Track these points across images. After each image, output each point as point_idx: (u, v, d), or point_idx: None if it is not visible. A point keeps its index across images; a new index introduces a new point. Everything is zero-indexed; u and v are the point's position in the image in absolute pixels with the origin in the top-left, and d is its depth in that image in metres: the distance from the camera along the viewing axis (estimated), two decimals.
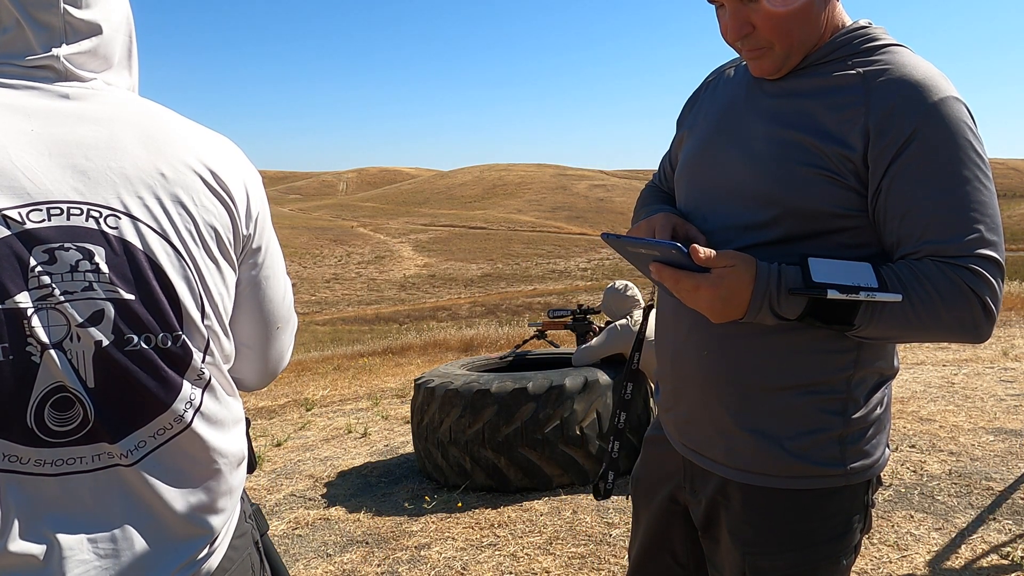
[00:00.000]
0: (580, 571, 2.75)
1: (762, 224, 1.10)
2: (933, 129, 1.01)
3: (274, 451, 5.18)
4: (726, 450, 1.16)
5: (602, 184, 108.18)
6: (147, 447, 0.87)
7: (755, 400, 1.12)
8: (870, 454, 1.14)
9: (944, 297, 0.99)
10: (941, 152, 1.01)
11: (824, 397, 1.11)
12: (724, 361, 1.14)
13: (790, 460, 1.11)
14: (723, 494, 1.18)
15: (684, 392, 1.22)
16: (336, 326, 35.19)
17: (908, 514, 3.01)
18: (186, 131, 0.94)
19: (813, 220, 1.07)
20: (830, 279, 0.98)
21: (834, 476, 1.12)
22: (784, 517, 1.14)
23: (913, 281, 1.00)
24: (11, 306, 0.79)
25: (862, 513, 1.16)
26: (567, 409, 3.50)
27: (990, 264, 1.01)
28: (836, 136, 1.05)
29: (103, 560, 0.84)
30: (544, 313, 5.13)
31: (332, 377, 9.31)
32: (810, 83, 1.10)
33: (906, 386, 5.31)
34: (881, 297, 0.97)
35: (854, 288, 0.97)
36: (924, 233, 1.02)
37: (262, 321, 1.05)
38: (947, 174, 1.01)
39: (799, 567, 1.14)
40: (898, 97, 1.02)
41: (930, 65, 1.06)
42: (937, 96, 1.02)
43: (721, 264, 1.02)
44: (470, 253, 60.93)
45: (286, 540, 3.33)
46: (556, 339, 6.21)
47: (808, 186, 1.06)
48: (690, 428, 1.22)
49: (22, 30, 0.87)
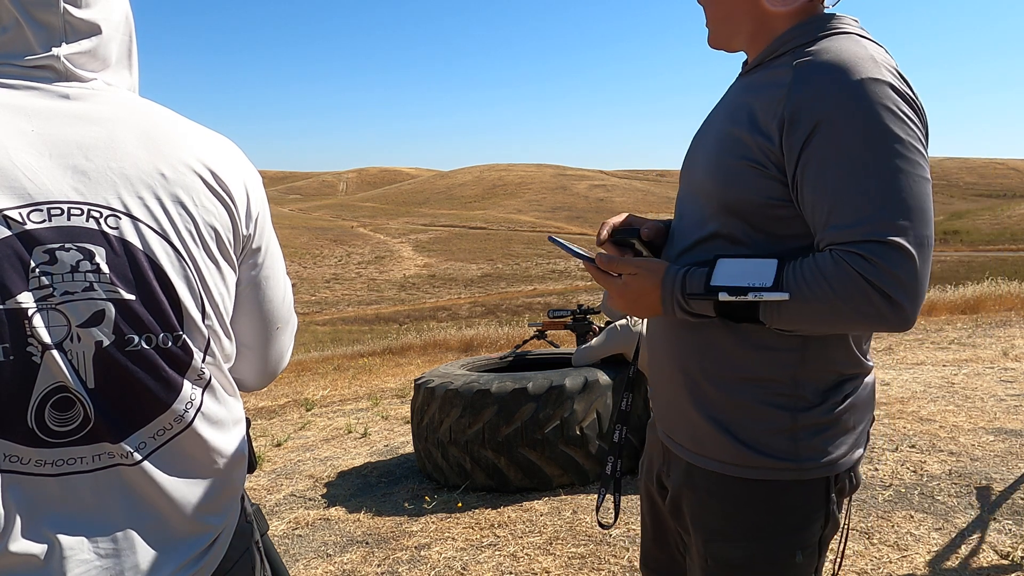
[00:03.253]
0: (580, 571, 2.75)
1: (706, 219, 1.14)
2: (841, 113, 0.98)
3: (274, 451, 5.18)
4: (687, 435, 1.20)
5: (602, 184, 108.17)
6: (148, 447, 0.87)
7: (709, 389, 1.15)
8: (828, 452, 1.12)
9: (836, 289, 0.97)
10: (847, 136, 0.98)
11: (770, 392, 1.11)
12: (686, 354, 1.18)
13: (742, 449, 1.13)
14: (689, 480, 1.21)
15: (658, 380, 1.27)
16: (336, 326, 35.19)
17: (908, 514, 3.01)
18: (186, 131, 0.94)
19: (747, 213, 1.09)
20: (726, 281, 1.04)
21: (785, 469, 1.11)
22: (740, 506, 1.15)
23: (809, 276, 0.99)
24: (12, 306, 0.79)
25: (823, 511, 1.14)
26: (567, 409, 3.50)
27: (887, 249, 0.95)
28: (762, 128, 1.06)
29: (104, 560, 0.84)
30: (544, 313, 5.13)
31: (332, 377, 9.31)
32: (759, 78, 1.12)
33: (906, 386, 5.31)
34: (768, 296, 1.00)
35: (743, 290, 1.02)
36: (827, 221, 1.01)
37: (262, 321, 1.05)
38: (852, 158, 0.98)
39: (755, 558, 1.14)
40: (811, 84, 1.01)
41: (861, 48, 1.03)
42: (850, 79, 0.99)
43: (626, 271, 1.15)
44: (470, 253, 60.92)
45: (286, 540, 3.33)
46: (556, 339, 6.21)
47: (738, 178, 1.08)
48: (664, 414, 1.27)
49: (22, 30, 0.87)
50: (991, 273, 12.77)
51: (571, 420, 3.50)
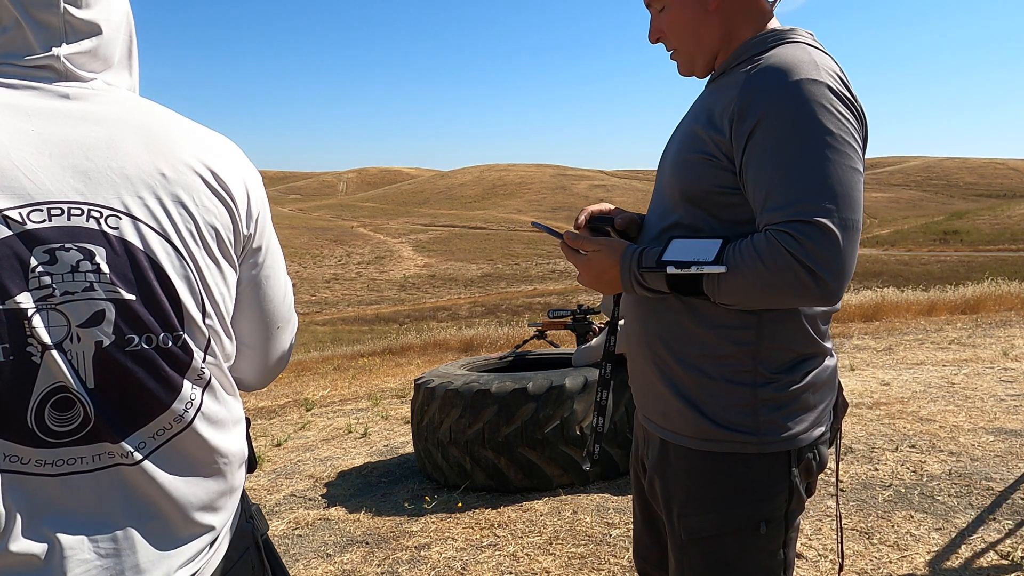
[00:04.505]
0: (580, 571, 2.75)
1: (669, 210, 1.27)
2: (780, 109, 1.10)
3: (274, 451, 5.18)
4: (661, 413, 1.29)
5: (602, 184, 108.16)
6: (148, 447, 0.87)
7: (675, 367, 1.24)
8: (788, 427, 1.20)
9: (767, 264, 1.07)
10: (784, 129, 1.09)
11: (730, 368, 1.20)
12: (650, 333, 1.28)
13: (707, 424, 1.21)
14: (662, 456, 1.29)
15: (633, 363, 1.36)
16: (336, 326, 35.19)
17: (908, 514, 3.01)
18: (187, 131, 0.94)
19: (703, 201, 1.20)
20: (675, 257, 1.15)
21: (747, 443, 1.20)
22: (707, 479, 1.23)
23: (745, 252, 1.10)
24: (12, 306, 0.79)
25: (785, 485, 1.21)
26: (567, 409, 3.50)
27: (812, 228, 1.05)
28: (716, 124, 1.18)
29: (104, 560, 0.84)
30: (544, 313, 5.14)
31: (332, 377, 9.31)
32: (721, 83, 1.24)
33: (906, 386, 5.31)
34: (708, 269, 1.12)
35: (687, 264, 1.13)
36: (763, 204, 1.11)
37: (262, 321, 1.05)
38: (785, 149, 1.09)
39: (720, 528, 1.22)
40: (756, 84, 1.13)
41: (805, 53, 1.15)
42: (790, 79, 1.10)
43: (589, 248, 1.28)
44: (470, 253, 60.90)
45: (286, 540, 3.33)
46: (556, 339, 6.21)
47: (694, 169, 1.20)
48: (640, 396, 1.36)
49: (22, 30, 0.87)
50: (991, 273, 12.77)
51: (571, 420, 3.50)
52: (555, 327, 4.66)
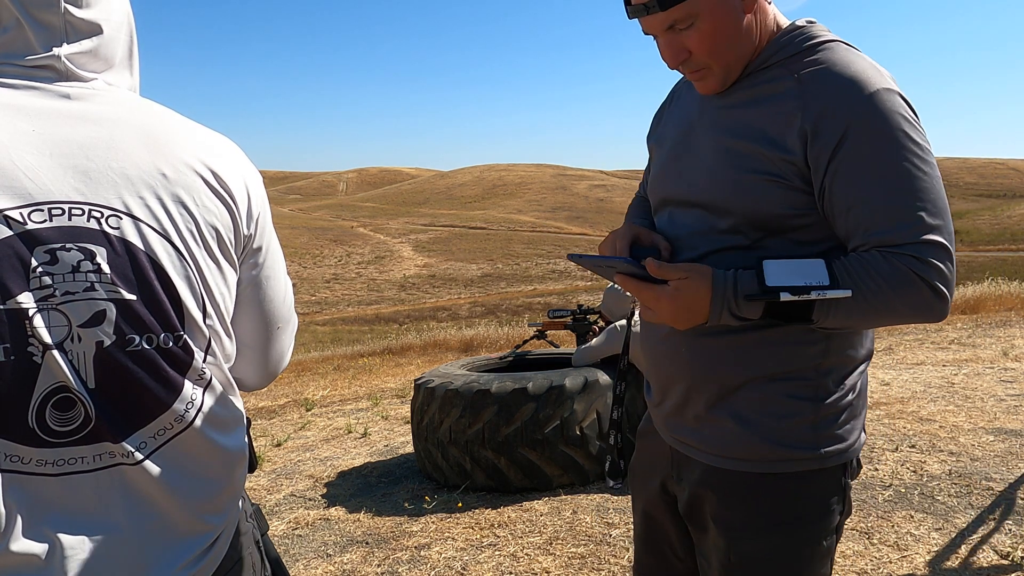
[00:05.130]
0: (580, 571, 2.75)
1: (723, 230, 1.16)
2: (865, 123, 1.05)
3: (274, 451, 5.18)
4: (707, 438, 1.21)
5: (602, 184, 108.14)
6: (148, 447, 0.87)
7: (731, 392, 1.18)
8: (844, 438, 1.17)
9: (893, 286, 1.04)
10: (875, 145, 1.05)
11: (795, 384, 1.15)
12: (699, 359, 1.20)
13: (766, 446, 1.16)
14: (706, 481, 1.23)
15: (668, 388, 1.27)
16: (336, 326, 35.18)
17: (908, 514, 3.01)
18: (187, 131, 0.94)
19: (768, 222, 1.12)
20: (783, 282, 1.04)
21: (808, 459, 1.16)
22: (764, 501, 1.18)
23: (863, 274, 1.05)
24: (13, 306, 0.79)
25: (840, 496, 1.19)
26: (567, 409, 3.50)
27: (934, 248, 1.04)
28: (777, 141, 1.09)
29: (104, 560, 0.84)
30: (544, 313, 5.14)
31: (332, 377, 9.31)
32: (752, 92, 1.15)
33: (906, 386, 5.31)
34: (831, 294, 1.03)
35: (805, 288, 1.03)
36: (869, 226, 1.06)
37: (263, 321, 1.05)
38: (883, 166, 1.05)
39: (781, 549, 1.18)
40: (829, 96, 1.07)
41: (864, 60, 1.10)
42: (867, 91, 1.05)
43: (676, 276, 1.09)
44: (470, 253, 60.90)
45: (286, 540, 3.33)
46: (556, 339, 6.21)
47: (758, 192, 1.11)
48: (674, 419, 1.27)
49: (22, 30, 0.87)
50: (991, 273, 12.77)
51: (571, 420, 3.50)
52: (555, 327, 4.66)
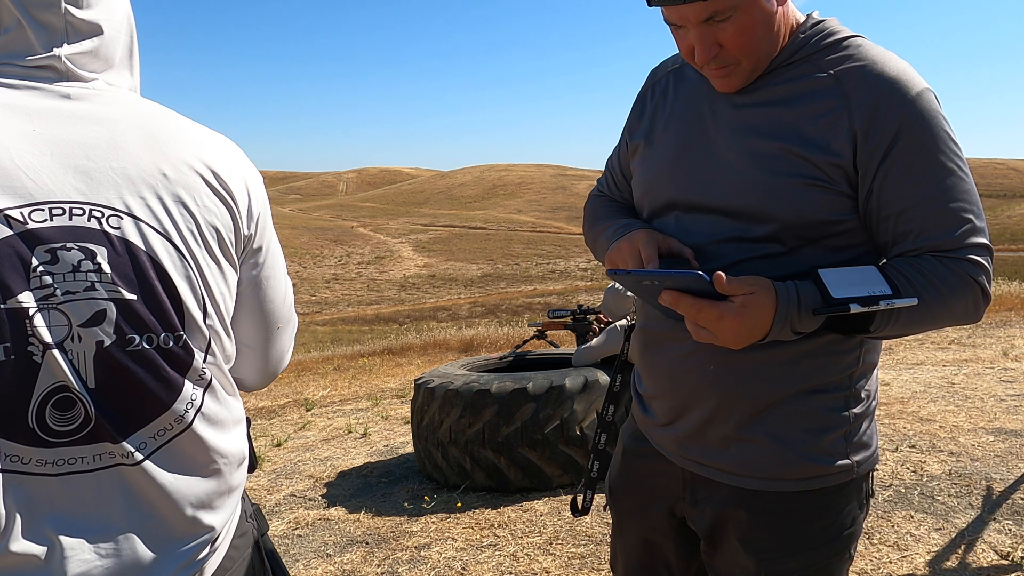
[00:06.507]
0: (580, 571, 2.75)
1: (757, 238, 1.09)
2: (915, 125, 1.03)
3: (274, 451, 5.18)
4: (736, 459, 1.16)
5: None
6: (148, 447, 0.87)
7: (764, 409, 1.13)
8: (869, 445, 1.17)
9: (952, 290, 1.03)
10: (926, 147, 1.04)
11: (831, 396, 1.12)
12: (730, 376, 1.13)
13: (802, 462, 1.12)
14: (735, 503, 1.17)
15: (688, 407, 1.19)
16: (336, 326, 35.19)
17: (908, 514, 3.01)
18: (187, 131, 0.95)
19: (810, 230, 1.07)
20: (847, 293, 0.99)
21: (843, 472, 1.13)
22: (796, 520, 1.15)
23: (922, 280, 1.03)
24: (13, 306, 0.79)
25: (864, 503, 1.19)
26: (567, 409, 3.50)
27: (983, 250, 1.06)
28: (821, 144, 1.04)
29: (104, 560, 0.84)
30: (544, 313, 5.14)
31: (332, 377, 9.31)
32: (782, 90, 1.09)
33: (906, 386, 5.31)
34: (899, 303, 0.98)
35: (874, 299, 0.97)
36: (922, 230, 1.05)
37: (263, 321, 1.05)
38: (934, 169, 1.04)
39: (812, 566, 1.15)
40: (878, 97, 1.04)
41: (896, 56, 1.08)
42: (914, 91, 1.04)
43: (743, 291, 0.98)
44: (470, 253, 60.91)
45: (286, 540, 3.33)
46: (556, 339, 6.21)
47: (801, 198, 1.05)
48: (693, 441, 1.20)
49: (23, 30, 0.87)
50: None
51: (571, 420, 3.50)
52: (555, 327, 4.66)
